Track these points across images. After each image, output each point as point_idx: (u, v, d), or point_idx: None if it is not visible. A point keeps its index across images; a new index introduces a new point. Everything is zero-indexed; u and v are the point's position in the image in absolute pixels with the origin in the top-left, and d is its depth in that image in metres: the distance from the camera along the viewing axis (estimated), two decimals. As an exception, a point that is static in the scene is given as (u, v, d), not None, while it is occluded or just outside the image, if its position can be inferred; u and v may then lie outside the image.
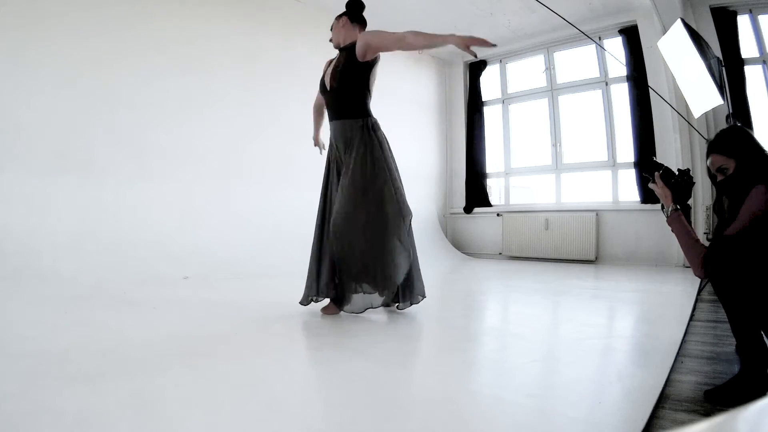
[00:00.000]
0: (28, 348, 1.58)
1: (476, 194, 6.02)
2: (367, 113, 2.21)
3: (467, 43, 1.86)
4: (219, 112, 4.01)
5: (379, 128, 2.22)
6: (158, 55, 3.66)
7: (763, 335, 1.24)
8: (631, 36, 4.83)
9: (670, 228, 1.44)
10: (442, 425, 1.06)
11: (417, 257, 2.27)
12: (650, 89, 4.38)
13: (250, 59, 4.25)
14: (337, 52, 2.29)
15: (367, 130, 2.17)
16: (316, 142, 2.61)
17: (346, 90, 2.17)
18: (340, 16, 2.29)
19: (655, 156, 4.69)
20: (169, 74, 3.72)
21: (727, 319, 1.29)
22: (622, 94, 5.04)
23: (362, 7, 2.31)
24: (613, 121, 5.12)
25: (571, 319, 2.37)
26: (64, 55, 3.20)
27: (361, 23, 2.29)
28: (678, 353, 1.61)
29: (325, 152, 2.41)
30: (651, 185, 1.49)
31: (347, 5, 2.29)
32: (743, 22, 4.35)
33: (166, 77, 3.70)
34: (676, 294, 3.11)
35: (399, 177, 2.21)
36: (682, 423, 1.06)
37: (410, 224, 2.20)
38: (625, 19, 4.84)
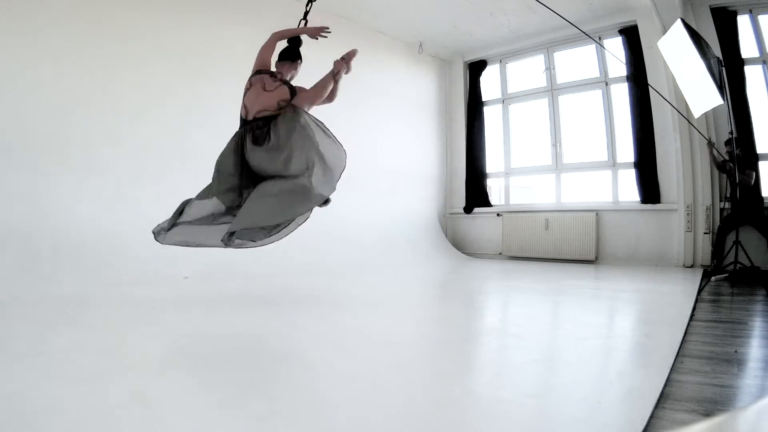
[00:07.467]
0: (28, 348, 1.58)
1: (476, 194, 6.02)
2: None
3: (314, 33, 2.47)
4: (218, 110, 3.99)
5: None
6: (158, 55, 3.65)
7: None
8: (631, 36, 4.83)
9: None
10: (442, 425, 1.06)
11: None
12: (650, 89, 4.38)
13: (249, 59, 4.23)
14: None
15: None
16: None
17: None
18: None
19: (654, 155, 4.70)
20: (170, 74, 3.72)
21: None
22: (622, 94, 5.03)
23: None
24: (613, 121, 5.11)
25: (571, 319, 2.37)
26: (65, 55, 3.20)
27: None
28: (678, 353, 1.61)
29: None
30: None
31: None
32: (743, 22, 4.35)
33: (166, 77, 3.70)
34: (676, 294, 3.10)
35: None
36: (682, 423, 1.06)
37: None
38: (625, 19, 4.83)
